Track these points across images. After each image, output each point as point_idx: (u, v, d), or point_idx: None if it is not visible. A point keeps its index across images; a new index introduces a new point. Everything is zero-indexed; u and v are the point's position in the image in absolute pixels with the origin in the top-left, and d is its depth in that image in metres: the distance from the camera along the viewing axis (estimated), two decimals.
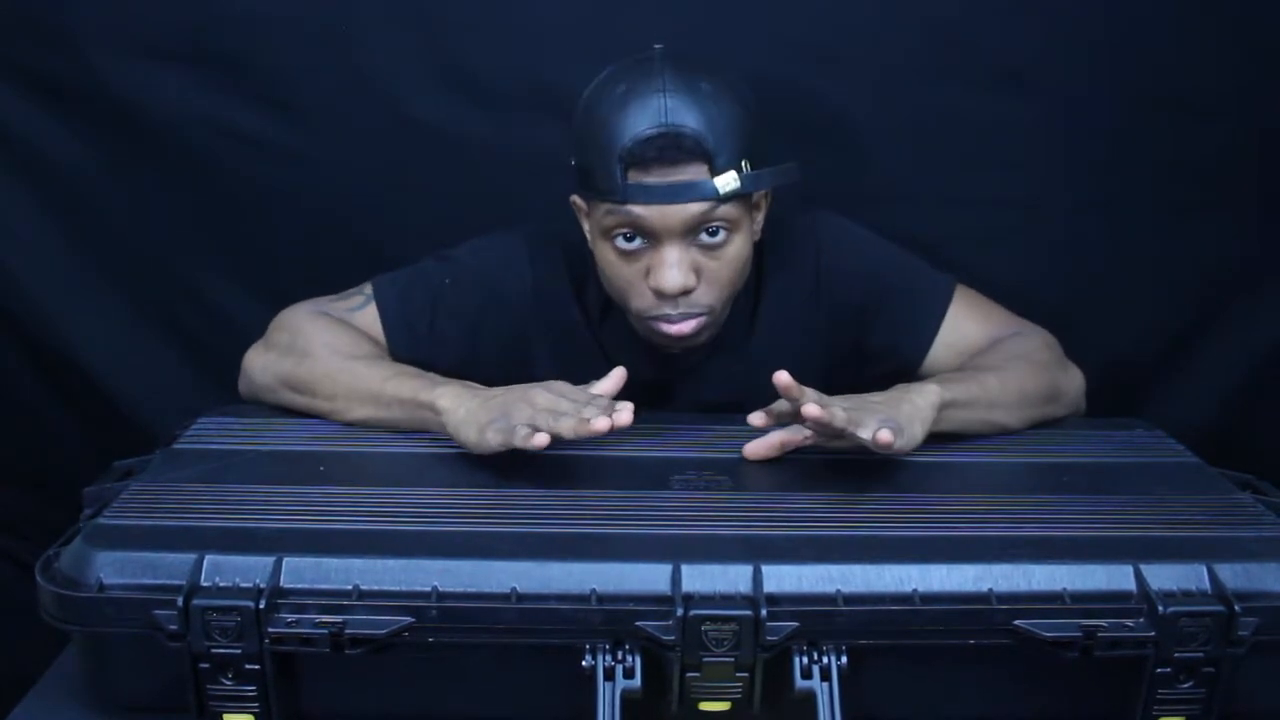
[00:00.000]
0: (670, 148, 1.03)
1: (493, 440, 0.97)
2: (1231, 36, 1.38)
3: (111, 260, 1.50)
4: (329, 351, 1.13)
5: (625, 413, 0.94)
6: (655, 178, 1.04)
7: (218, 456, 1.03)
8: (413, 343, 1.20)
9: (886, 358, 1.24)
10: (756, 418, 1.06)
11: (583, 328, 1.22)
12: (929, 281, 1.24)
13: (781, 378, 0.98)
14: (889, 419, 0.97)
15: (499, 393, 1.02)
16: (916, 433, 1.00)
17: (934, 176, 1.45)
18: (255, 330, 1.22)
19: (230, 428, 1.10)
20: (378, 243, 1.41)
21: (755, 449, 1.05)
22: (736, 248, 1.10)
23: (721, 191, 1.04)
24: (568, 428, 0.94)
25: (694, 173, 1.04)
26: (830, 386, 1.29)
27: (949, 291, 1.22)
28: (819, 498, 0.97)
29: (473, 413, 1.00)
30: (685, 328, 1.11)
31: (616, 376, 1.04)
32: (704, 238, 1.07)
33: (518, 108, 1.41)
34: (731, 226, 1.08)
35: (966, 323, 1.22)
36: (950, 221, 1.44)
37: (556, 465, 1.02)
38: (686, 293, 1.08)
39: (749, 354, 1.23)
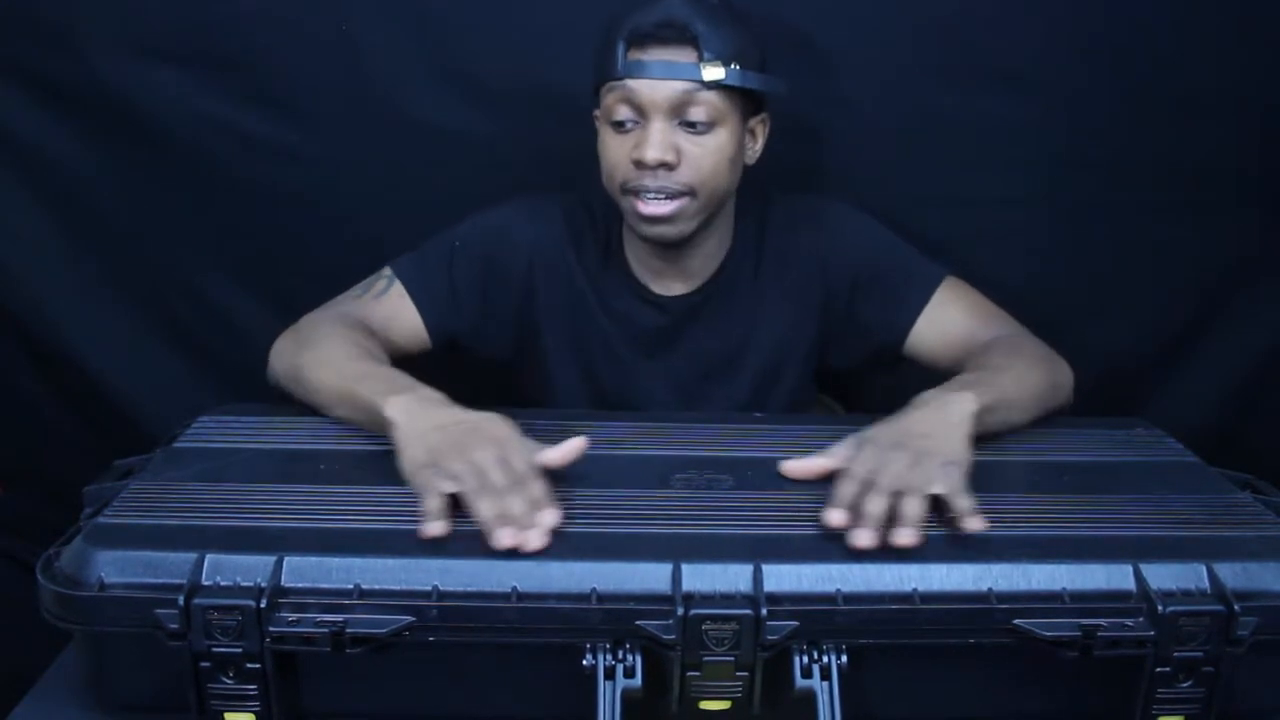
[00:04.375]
0: (664, 26, 1.14)
1: (415, 483, 0.94)
2: (1232, 36, 1.38)
3: (111, 260, 1.50)
4: (328, 349, 1.14)
5: (535, 537, 0.87)
6: (650, 56, 1.15)
7: (218, 456, 1.03)
8: (437, 309, 1.25)
9: (873, 334, 1.29)
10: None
11: (581, 280, 1.28)
12: (920, 267, 1.29)
13: (788, 468, 1.01)
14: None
15: (449, 423, 0.98)
16: (966, 454, 0.98)
17: (934, 176, 1.45)
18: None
19: (230, 427, 1.10)
20: (378, 242, 1.40)
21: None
22: (720, 140, 1.17)
23: (705, 76, 1.14)
24: (486, 512, 0.89)
25: (684, 55, 1.14)
26: (823, 358, 1.32)
27: (937, 278, 1.27)
28: (819, 497, 0.97)
29: (412, 440, 0.97)
30: (662, 208, 1.16)
31: (570, 448, 0.97)
32: (689, 118, 1.15)
33: (518, 108, 1.41)
34: (717, 118, 1.16)
35: (951, 309, 1.26)
36: (950, 221, 1.44)
37: None
38: (666, 167, 1.15)
39: (750, 307, 1.29)
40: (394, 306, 1.24)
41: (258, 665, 0.83)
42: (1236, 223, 1.47)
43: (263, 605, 0.82)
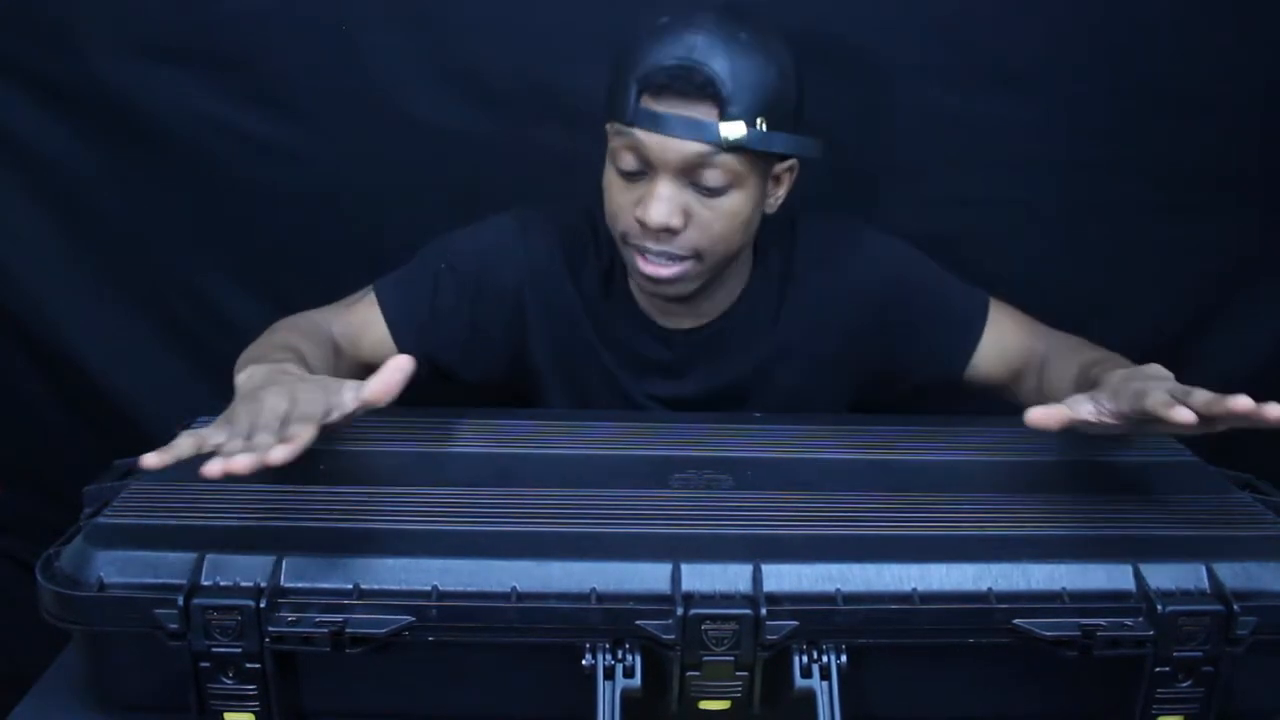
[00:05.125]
0: (682, 79, 1.02)
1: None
2: (1231, 36, 1.38)
3: (111, 260, 1.50)
4: (260, 342, 1.09)
5: (241, 462, 0.77)
6: (664, 107, 1.04)
7: None
8: (415, 331, 1.20)
9: (927, 368, 1.25)
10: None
11: (578, 309, 1.22)
12: (965, 296, 1.25)
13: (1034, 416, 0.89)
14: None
15: (267, 381, 0.88)
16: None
17: (934, 176, 1.45)
18: (256, 330, 1.21)
19: None
20: (378, 242, 1.41)
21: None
22: (735, 203, 1.08)
23: (724, 138, 1.03)
24: (226, 446, 0.80)
25: (703, 112, 1.03)
26: (860, 392, 1.28)
27: (985, 304, 1.24)
28: (819, 497, 0.97)
29: (236, 397, 0.89)
30: (663, 271, 1.09)
31: (388, 374, 0.85)
32: (701, 183, 1.06)
33: (519, 108, 1.41)
34: (734, 181, 1.07)
35: (1006, 332, 1.23)
36: (950, 221, 1.44)
37: (556, 465, 1.02)
38: (671, 232, 1.07)
39: (767, 347, 1.23)
40: (364, 320, 1.20)
41: (257, 665, 0.83)
42: (1236, 223, 1.47)
43: (262, 605, 0.82)
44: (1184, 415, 0.83)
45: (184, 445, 0.81)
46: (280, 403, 0.84)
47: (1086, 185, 1.46)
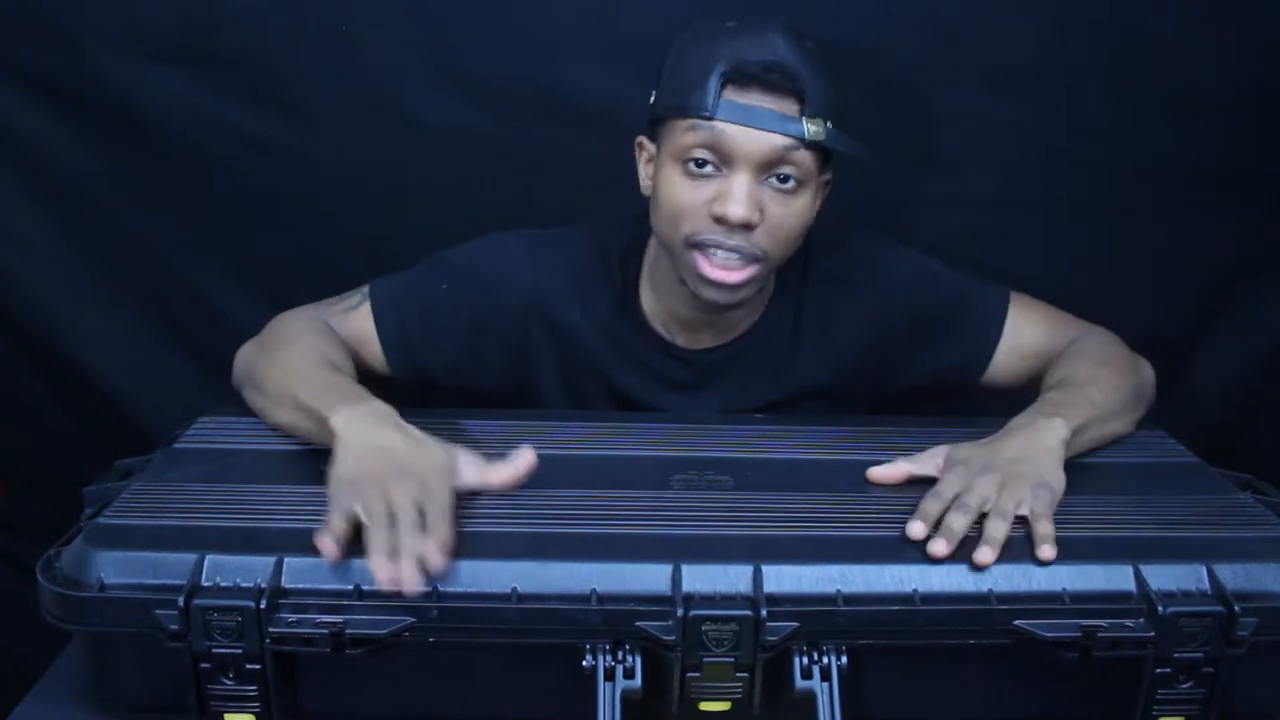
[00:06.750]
0: (774, 72, 1.03)
1: (331, 496, 0.89)
2: (1232, 36, 1.38)
3: (111, 261, 1.50)
4: (289, 351, 1.09)
5: (410, 575, 0.82)
6: (750, 100, 1.04)
7: (218, 456, 1.03)
8: (406, 349, 1.19)
9: (945, 375, 1.24)
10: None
11: (584, 332, 1.20)
12: (984, 298, 1.24)
13: (874, 474, 1.00)
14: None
15: (386, 447, 0.93)
16: (1060, 479, 0.97)
17: (934, 176, 1.45)
18: (256, 330, 1.22)
19: (230, 428, 1.10)
20: (378, 243, 1.41)
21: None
22: (802, 205, 1.08)
23: (808, 134, 1.04)
24: (374, 542, 0.84)
25: (786, 107, 1.04)
26: (879, 402, 1.28)
27: (1004, 304, 1.23)
28: (819, 498, 0.97)
29: (347, 454, 0.92)
30: (731, 276, 1.07)
31: (518, 467, 0.95)
32: (775, 181, 1.06)
33: (519, 108, 1.41)
34: (803, 180, 1.07)
35: (1026, 327, 1.22)
36: (950, 221, 1.44)
37: (556, 465, 1.02)
38: (748, 228, 1.06)
39: (786, 365, 1.22)
40: (363, 335, 1.18)
41: (258, 666, 0.83)
42: (1236, 223, 1.47)
43: (262, 606, 0.82)
44: (931, 548, 0.89)
45: (338, 524, 0.85)
46: (412, 488, 0.87)
47: (1086, 185, 1.46)
